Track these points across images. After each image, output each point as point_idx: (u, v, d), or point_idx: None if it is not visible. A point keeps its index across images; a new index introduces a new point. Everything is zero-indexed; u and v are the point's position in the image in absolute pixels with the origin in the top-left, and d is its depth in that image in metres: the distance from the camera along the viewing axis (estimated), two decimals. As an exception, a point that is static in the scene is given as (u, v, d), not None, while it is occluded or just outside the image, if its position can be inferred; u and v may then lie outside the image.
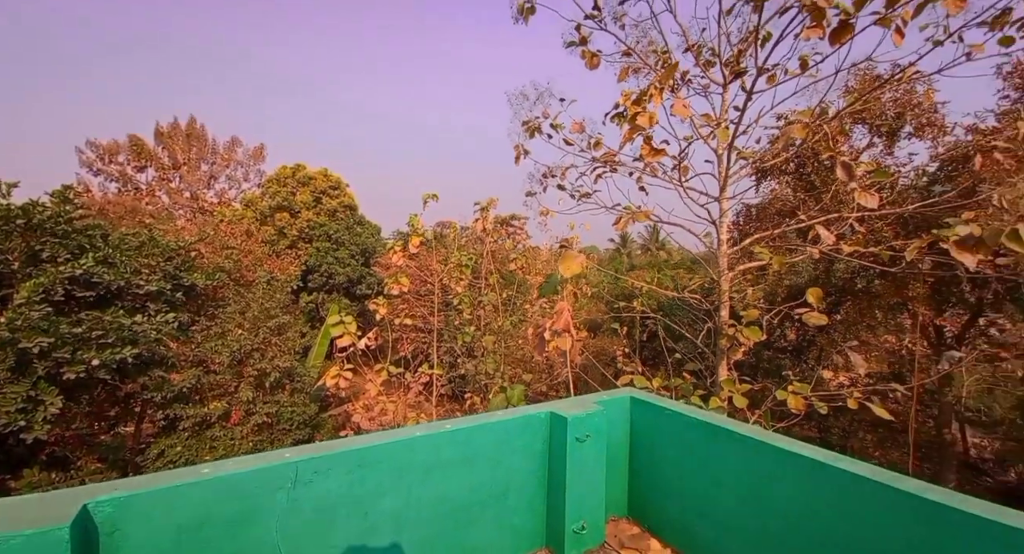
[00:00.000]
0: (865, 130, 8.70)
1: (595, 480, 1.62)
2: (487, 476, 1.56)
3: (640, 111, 2.86)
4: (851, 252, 3.61)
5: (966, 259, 2.48)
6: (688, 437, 1.62)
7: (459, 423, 1.54)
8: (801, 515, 1.30)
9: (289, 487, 1.28)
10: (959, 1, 3.31)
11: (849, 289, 10.27)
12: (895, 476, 1.22)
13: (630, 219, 4.08)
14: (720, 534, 1.50)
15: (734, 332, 4.55)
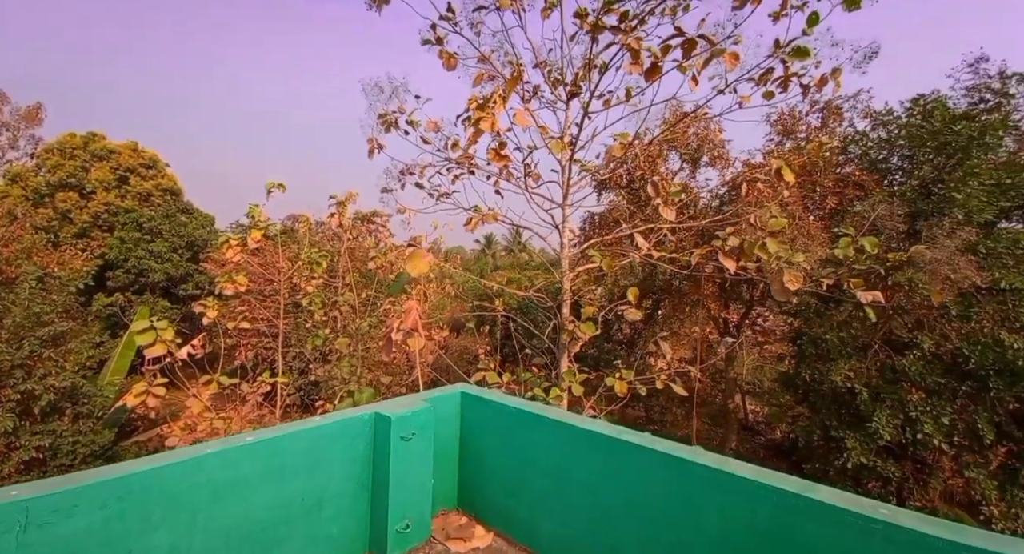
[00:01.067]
0: (677, 156, 10.54)
1: (422, 477, 1.64)
2: (299, 488, 1.45)
3: (484, 116, 2.99)
4: (659, 257, 4.29)
5: (729, 264, 3.13)
6: (508, 426, 1.74)
7: (263, 434, 1.40)
8: (598, 486, 1.50)
9: (18, 531, 1.02)
10: (733, 59, 4.16)
11: (667, 288, 12.24)
12: (672, 445, 1.48)
13: (480, 220, 4.22)
14: (533, 511, 1.66)
15: (573, 328, 5.03)
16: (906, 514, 1.09)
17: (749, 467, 1.27)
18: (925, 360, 8.04)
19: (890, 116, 9.85)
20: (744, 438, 15.96)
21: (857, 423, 8.45)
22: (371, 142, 5.68)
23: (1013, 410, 8.05)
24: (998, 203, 8.52)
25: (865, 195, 8.99)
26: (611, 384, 4.86)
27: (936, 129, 8.65)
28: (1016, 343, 7.43)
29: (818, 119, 11.38)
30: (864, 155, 10.18)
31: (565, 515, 1.57)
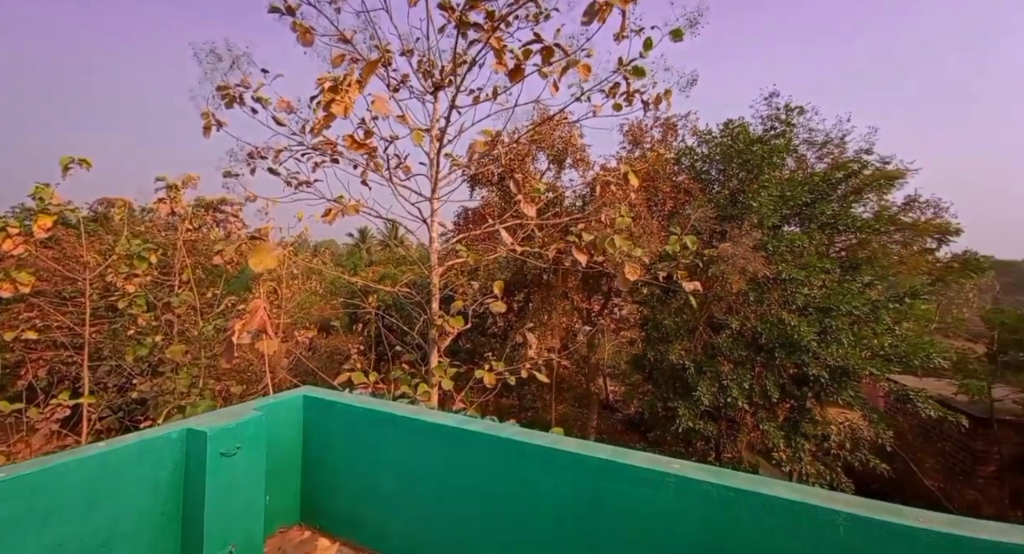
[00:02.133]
0: (544, 157, 11.26)
1: (251, 495, 1.48)
2: (73, 532, 1.18)
3: (337, 99, 2.79)
4: (523, 251, 4.51)
5: (581, 258, 3.44)
6: (357, 427, 1.68)
7: (20, 469, 1.11)
8: (446, 478, 1.53)
9: None
10: (586, 70, 4.53)
11: (537, 282, 12.98)
12: (513, 429, 1.56)
13: (340, 212, 3.95)
14: (383, 513, 1.62)
15: (442, 322, 5.02)
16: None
17: (574, 441, 1.41)
18: (733, 338, 9.89)
19: (709, 135, 11.83)
20: (604, 416, 17.76)
21: (686, 393, 10.03)
22: (207, 118, 4.92)
23: (792, 374, 10.33)
24: (781, 211, 10.81)
25: (692, 200, 10.67)
26: (480, 376, 4.99)
27: (741, 149, 10.65)
28: (793, 321, 9.52)
29: (660, 133, 13.09)
30: (692, 166, 12.06)
31: (414, 512, 1.57)
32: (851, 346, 9.62)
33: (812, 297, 9.96)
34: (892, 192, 11.61)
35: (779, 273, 9.93)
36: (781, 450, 9.90)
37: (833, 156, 12.79)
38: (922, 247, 12.01)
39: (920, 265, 11.73)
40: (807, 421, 10.08)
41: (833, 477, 10.23)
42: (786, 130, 11.90)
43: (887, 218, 11.56)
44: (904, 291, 10.81)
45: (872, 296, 10.18)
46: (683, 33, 4.33)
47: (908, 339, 10.01)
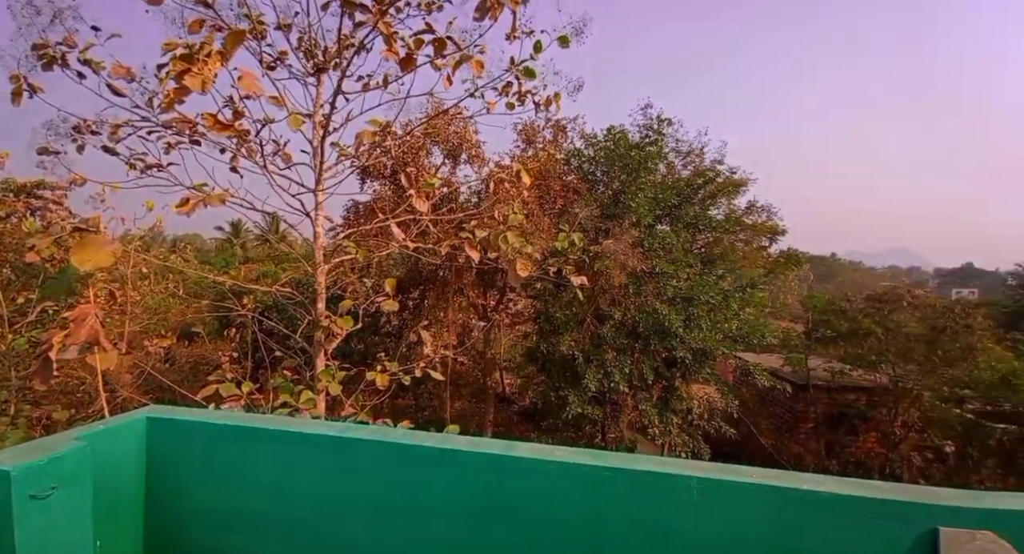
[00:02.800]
0: (440, 152, 11.12)
1: (74, 542, 1.22)
2: None
3: (192, 71, 2.41)
4: (416, 248, 4.39)
5: (473, 254, 3.45)
6: (220, 447, 1.48)
7: None
8: (327, 493, 1.42)
9: None
10: (479, 66, 4.53)
11: (433, 279, 12.80)
12: (403, 432, 1.50)
13: (200, 202, 3.45)
14: (255, 537, 1.46)
15: (329, 323, 4.67)
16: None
17: (467, 440, 1.42)
18: (616, 327, 10.83)
19: (595, 139, 12.73)
20: (501, 409, 18.21)
21: (576, 381, 10.74)
22: (17, 80, 3.93)
23: (664, 357, 11.62)
24: (655, 211, 12.05)
25: (580, 199, 11.40)
26: (372, 377, 4.75)
27: (621, 153, 11.65)
28: (664, 310, 10.70)
29: (551, 134, 13.70)
30: (580, 167, 12.87)
31: (292, 532, 1.44)
32: (709, 330, 11.12)
33: (679, 288, 11.29)
34: (738, 197, 13.64)
35: (654, 267, 11.07)
36: (655, 426, 11.09)
37: (695, 164, 14.60)
38: (759, 245, 14.33)
39: (757, 260, 13.98)
40: (675, 398, 11.43)
41: (695, 445, 11.76)
42: (658, 139, 13.28)
43: (734, 220, 13.55)
44: (746, 282, 12.79)
45: (724, 287, 11.86)
46: (569, 40, 4.56)
47: (749, 322, 11.87)
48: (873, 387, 16.23)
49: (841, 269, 59.91)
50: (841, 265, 63.05)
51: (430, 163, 11.10)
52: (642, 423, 11.67)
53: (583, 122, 13.36)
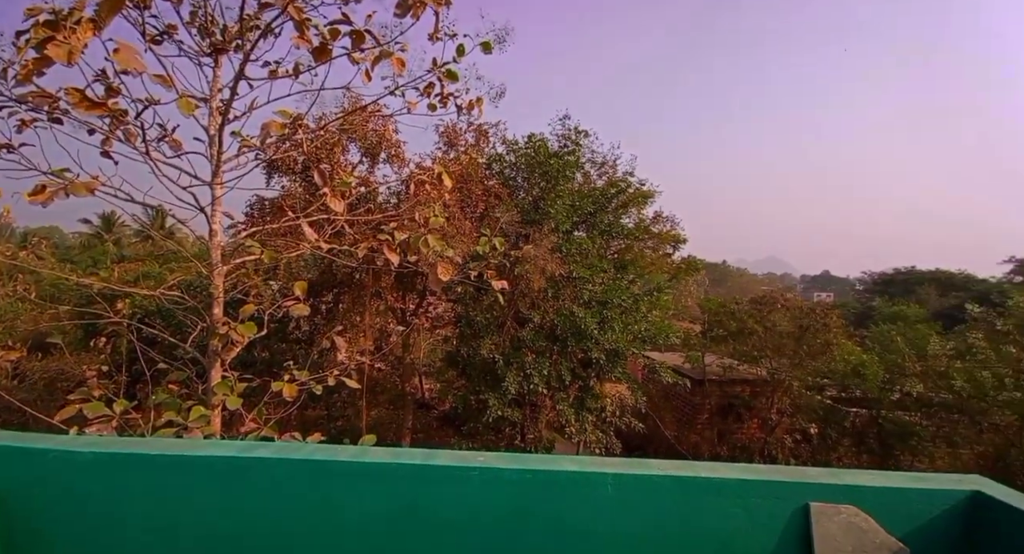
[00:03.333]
0: (357, 149, 10.62)
1: None
2: None
3: (55, 39, 2.04)
4: (329, 249, 4.13)
5: (392, 257, 3.33)
6: (81, 480, 1.25)
7: None
8: (220, 522, 1.27)
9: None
10: (400, 64, 4.40)
11: (349, 282, 12.16)
12: (320, 448, 1.39)
13: (60, 191, 2.94)
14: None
15: (227, 330, 4.22)
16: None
17: (384, 451, 1.35)
18: (535, 330, 11.11)
19: (516, 145, 13.01)
20: (420, 415, 17.76)
21: (496, 384, 10.83)
22: None
23: (580, 358, 12.13)
24: (572, 218, 12.58)
25: (501, 204, 11.56)
26: (278, 388, 4.38)
27: (541, 160, 12.03)
28: (581, 313, 11.18)
29: (473, 138, 13.73)
30: (501, 172, 13.05)
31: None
32: (621, 332, 11.83)
33: (595, 292, 11.89)
34: (646, 207, 14.72)
35: (571, 272, 11.54)
36: (572, 425, 11.53)
37: (609, 175, 15.49)
38: (664, 252, 15.59)
39: (663, 266, 15.21)
40: (590, 397, 11.98)
41: (608, 441, 12.42)
42: (575, 148, 13.90)
43: (643, 228, 14.60)
44: (653, 286, 13.83)
45: (635, 291, 12.71)
46: (492, 46, 4.60)
47: (656, 324, 12.84)
48: (755, 379, 18.36)
49: (730, 275, 67.17)
50: (730, 271, 70.69)
51: (346, 161, 10.55)
52: (560, 423, 12.07)
53: (504, 127, 13.59)
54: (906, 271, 38.27)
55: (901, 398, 12.21)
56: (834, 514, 2.17)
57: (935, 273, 35.62)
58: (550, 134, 13.83)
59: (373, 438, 3.69)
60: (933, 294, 29.99)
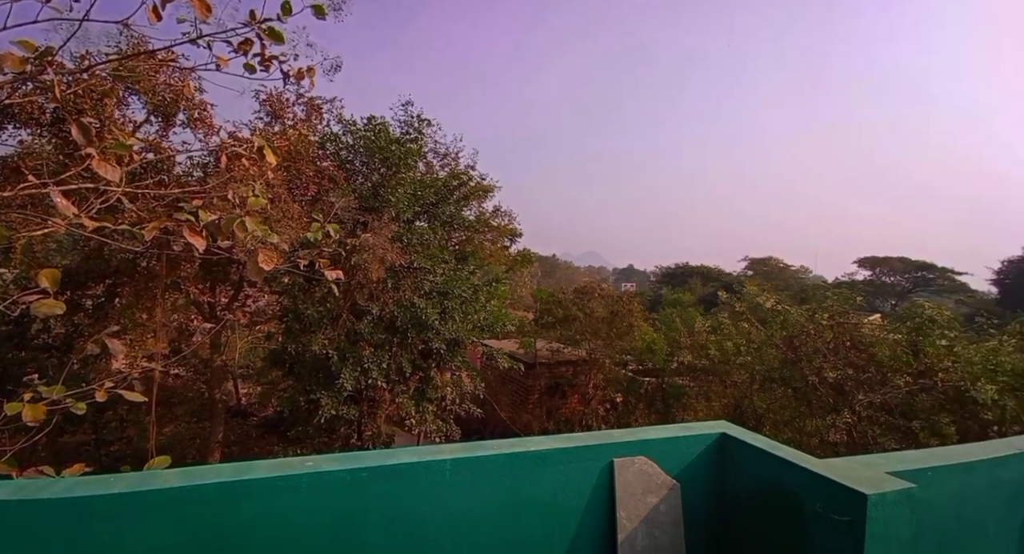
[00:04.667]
0: (142, 105, 8.46)
1: None
2: None
3: None
4: (96, 228, 3.23)
5: (197, 242, 2.78)
6: None
7: None
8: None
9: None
10: (204, 8, 3.67)
11: (130, 270, 9.73)
12: (83, 482, 1.07)
13: None
14: None
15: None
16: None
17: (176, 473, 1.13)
18: (374, 322, 10.62)
19: (355, 126, 12.11)
20: (235, 425, 15.40)
21: (329, 382, 10.03)
22: None
23: (421, 350, 12.04)
24: (414, 208, 12.34)
25: (337, 188, 10.66)
26: (14, 411, 3.29)
27: (382, 145, 11.45)
28: (422, 304, 11.08)
29: (304, 111, 12.31)
30: (337, 154, 12.02)
31: None
32: (461, 322, 12.12)
33: (436, 283, 11.91)
34: (486, 201, 15.33)
35: (412, 262, 11.33)
36: (412, 416, 11.42)
37: (451, 167, 15.63)
38: (502, 245, 16.49)
39: (501, 258, 16.08)
40: (431, 387, 12.03)
41: (448, 428, 12.67)
42: (418, 137, 13.62)
43: (484, 221, 15.17)
44: (492, 277, 14.53)
45: (475, 281, 13.14)
46: (325, 11, 4.18)
47: (494, 313, 13.52)
48: (577, 360, 20.88)
49: (558, 267, 74.86)
50: (558, 264, 78.77)
51: (125, 117, 8.32)
52: (400, 416, 11.82)
53: (341, 105, 12.53)
54: (682, 266, 48.14)
55: (677, 366, 15.34)
56: (630, 465, 2.61)
57: (700, 268, 45.69)
58: (392, 119, 13.29)
59: (166, 460, 3.08)
60: (699, 284, 38.43)
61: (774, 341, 11.52)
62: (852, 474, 2.32)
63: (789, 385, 10.92)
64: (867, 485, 2.14)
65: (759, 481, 2.60)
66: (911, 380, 8.25)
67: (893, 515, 2.10)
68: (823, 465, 2.41)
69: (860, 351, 9.57)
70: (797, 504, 2.34)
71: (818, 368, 9.83)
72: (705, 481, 2.73)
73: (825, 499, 2.22)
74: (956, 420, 7.94)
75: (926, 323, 8.74)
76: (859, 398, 8.54)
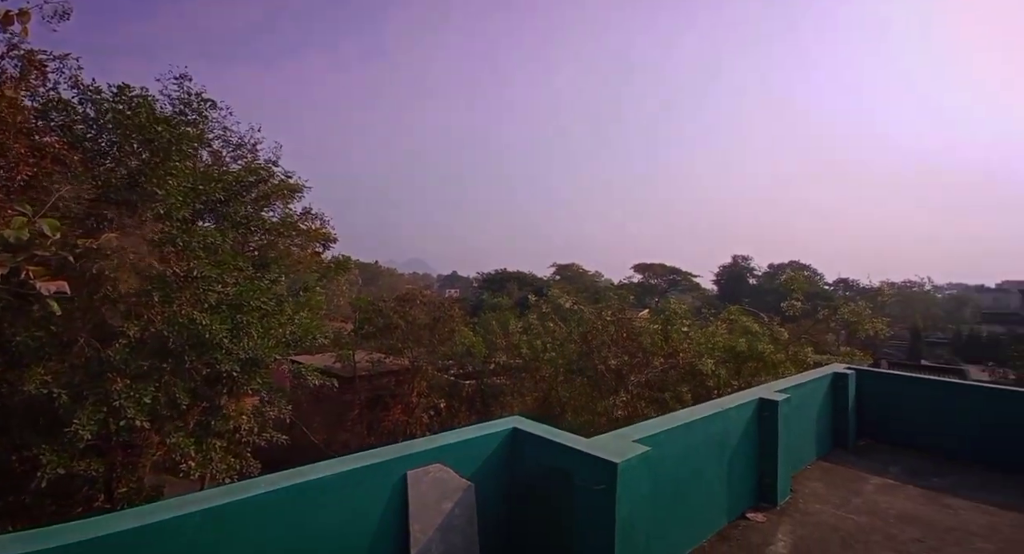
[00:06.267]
0: None
1: None
2: None
3: None
4: None
5: None
6: None
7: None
8: None
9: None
10: None
11: None
12: None
13: None
14: None
15: None
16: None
17: None
18: (132, 347, 8.35)
19: (99, 95, 9.39)
20: None
21: (54, 431, 7.47)
22: None
23: (206, 375, 9.99)
24: (194, 205, 10.24)
25: (68, 172, 8.06)
26: None
27: (143, 124, 9.14)
28: (205, 320, 9.22)
29: (16, 67, 9.06)
30: (69, 128, 9.10)
31: None
32: (261, 338, 10.51)
33: (226, 294, 10.06)
34: (294, 202, 13.72)
35: (191, 270, 9.34)
36: (192, 458, 9.38)
37: (247, 160, 13.53)
38: (313, 250, 14.96)
39: (312, 264, 14.57)
40: (219, 418, 10.12)
41: (243, 464, 10.84)
42: (199, 120, 11.39)
43: (291, 224, 13.54)
44: (300, 286, 13.08)
45: (278, 291, 11.60)
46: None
47: (304, 325, 12.15)
48: (400, 369, 20.34)
49: (381, 274, 72.01)
50: (381, 270, 75.75)
51: None
52: (173, 460, 9.58)
53: (78, 66, 9.61)
54: (501, 272, 51.65)
55: (495, 367, 16.30)
56: (424, 475, 2.59)
57: (516, 273, 49.74)
58: (160, 95, 10.80)
59: None
60: (516, 288, 41.79)
61: (573, 337, 13.21)
62: (609, 447, 2.75)
63: (584, 374, 12.65)
64: (616, 454, 2.56)
65: (543, 467, 2.87)
66: (664, 360, 10.43)
67: (635, 476, 2.56)
68: (588, 443, 2.81)
69: (633, 340, 11.69)
70: (568, 480, 2.66)
71: (604, 358, 11.64)
72: (498, 475, 2.89)
73: (587, 472, 2.58)
74: (692, 388, 10.33)
75: (672, 315, 11.19)
76: (631, 379, 10.41)
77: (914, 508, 4.47)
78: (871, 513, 4.34)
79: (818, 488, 4.80)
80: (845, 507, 4.44)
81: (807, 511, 4.32)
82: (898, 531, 4.04)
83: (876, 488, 4.88)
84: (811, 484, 4.88)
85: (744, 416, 4.33)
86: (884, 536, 3.95)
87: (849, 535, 3.93)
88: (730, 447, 4.15)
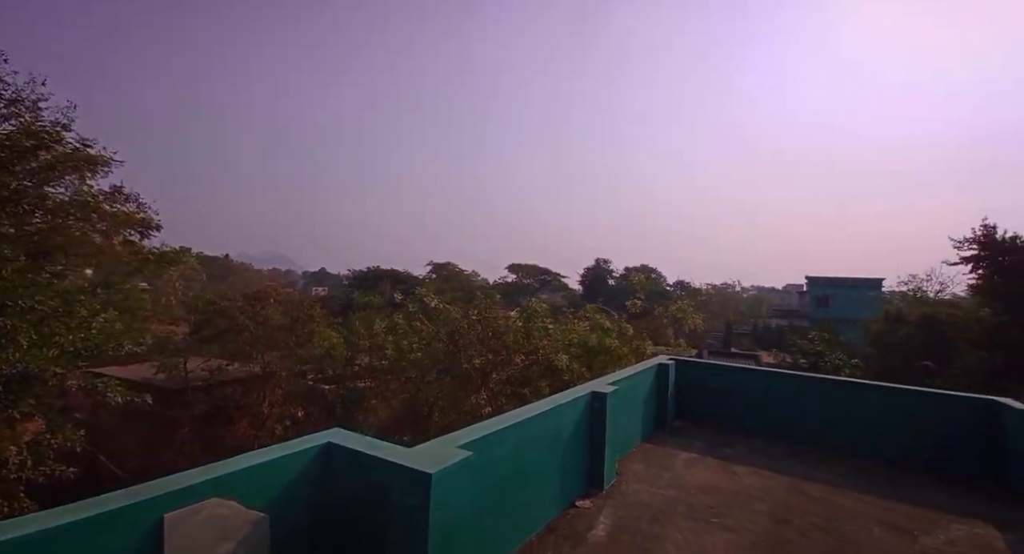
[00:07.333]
0: None
1: None
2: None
3: None
4: None
5: None
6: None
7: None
8: None
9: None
10: None
11: None
12: None
13: None
14: None
15: None
16: None
17: None
18: None
19: None
20: None
21: None
22: None
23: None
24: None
25: None
26: None
27: None
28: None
29: None
30: None
31: None
32: (36, 346, 8.28)
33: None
34: (96, 178, 11.11)
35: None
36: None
37: (24, 120, 10.57)
38: (125, 237, 12.31)
39: (123, 255, 11.99)
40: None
41: (15, 506, 8.50)
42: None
43: (91, 204, 10.93)
44: (103, 280, 10.67)
45: (64, 287, 9.28)
46: None
47: (107, 330, 9.91)
48: (248, 376, 17.95)
49: (233, 269, 63.09)
50: (233, 266, 66.36)
51: None
52: None
53: None
54: (374, 269, 49.04)
55: (358, 370, 15.31)
56: (192, 515, 2.14)
57: (390, 271, 47.71)
58: None
59: None
60: (389, 287, 40.04)
61: (440, 336, 13.02)
62: (428, 456, 2.62)
63: (451, 374, 12.54)
64: (434, 463, 2.44)
65: (359, 485, 2.61)
66: (524, 357, 10.85)
67: (453, 485, 2.46)
68: (407, 454, 2.64)
69: (497, 339, 11.94)
70: (385, 497, 2.46)
71: (471, 356, 11.68)
72: (305, 500, 2.56)
73: (403, 486, 2.41)
74: (550, 383, 10.92)
75: (533, 314, 11.71)
76: (493, 377, 10.61)
77: (711, 477, 5.23)
78: (678, 486, 4.96)
79: (639, 469, 5.35)
80: (657, 483, 5.01)
81: (627, 492, 4.77)
82: (697, 500, 4.67)
83: (683, 462, 5.62)
84: (633, 466, 5.42)
85: (577, 409, 4.59)
86: (686, 507, 4.53)
87: (658, 511, 4.42)
88: (563, 440, 4.36)
